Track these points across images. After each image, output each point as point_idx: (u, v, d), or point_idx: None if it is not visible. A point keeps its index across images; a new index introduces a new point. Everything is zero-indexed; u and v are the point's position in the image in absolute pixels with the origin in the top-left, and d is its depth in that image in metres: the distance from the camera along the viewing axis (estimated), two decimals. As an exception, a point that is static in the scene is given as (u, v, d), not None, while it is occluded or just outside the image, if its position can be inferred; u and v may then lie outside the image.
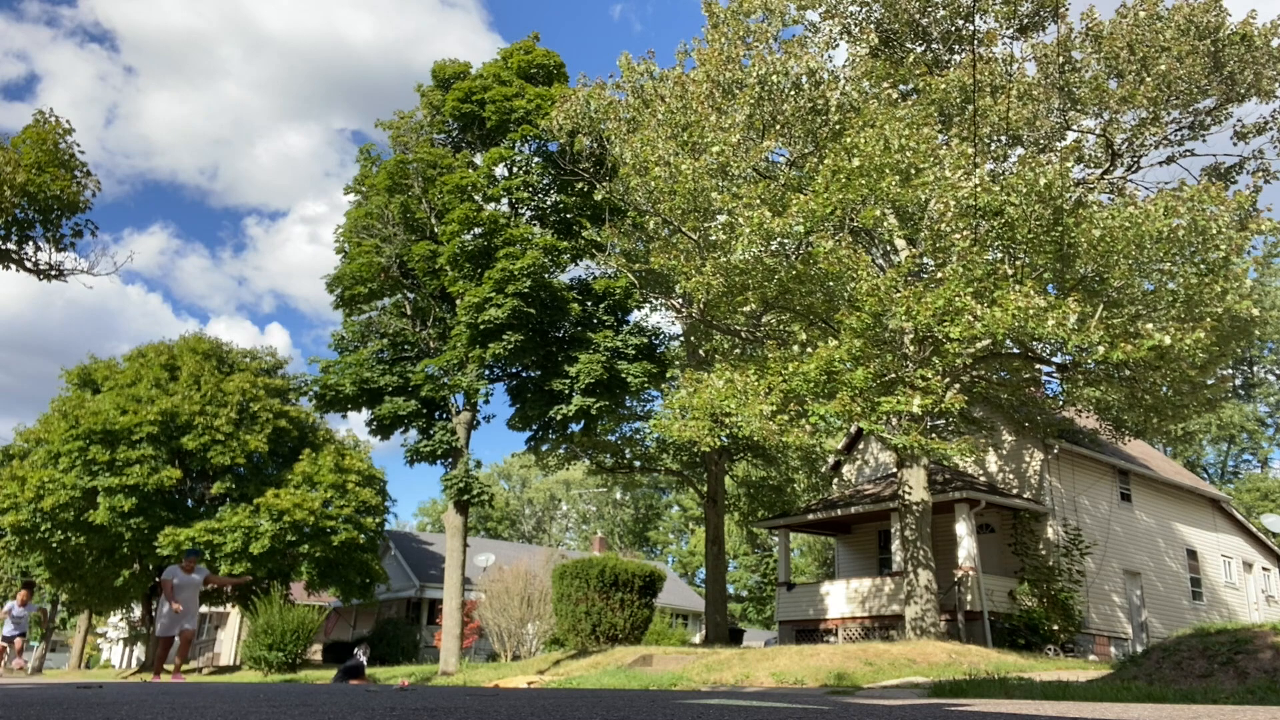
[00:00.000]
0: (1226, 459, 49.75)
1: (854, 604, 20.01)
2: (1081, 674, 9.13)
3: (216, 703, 2.06)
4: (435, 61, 24.46)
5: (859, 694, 6.22)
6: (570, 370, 20.42)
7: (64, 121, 12.99)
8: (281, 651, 22.59)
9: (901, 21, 16.99)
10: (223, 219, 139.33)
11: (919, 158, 12.95)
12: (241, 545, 25.25)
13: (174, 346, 29.72)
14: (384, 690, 2.95)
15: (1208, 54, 14.55)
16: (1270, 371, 47.52)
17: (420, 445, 21.87)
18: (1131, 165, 16.48)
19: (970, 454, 13.90)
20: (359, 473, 28.14)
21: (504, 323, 19.77)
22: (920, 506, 16.24)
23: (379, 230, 22.83)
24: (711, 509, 25.54)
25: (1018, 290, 12.20)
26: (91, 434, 25.59)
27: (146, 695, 2.63)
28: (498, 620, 23.88)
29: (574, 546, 58.53)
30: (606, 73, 43.38)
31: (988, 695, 4.65)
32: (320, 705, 1.93)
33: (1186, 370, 13.71)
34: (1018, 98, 14.96)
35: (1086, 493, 21.21)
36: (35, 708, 1.95)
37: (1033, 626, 17.81)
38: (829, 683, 10.25)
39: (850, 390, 12.82)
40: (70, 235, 13.20)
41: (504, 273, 19.67)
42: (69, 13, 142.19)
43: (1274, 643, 6.97)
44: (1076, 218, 12.93)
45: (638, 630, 18.36)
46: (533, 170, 22.05)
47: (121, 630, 48.27)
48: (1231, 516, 26.18)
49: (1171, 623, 21.11)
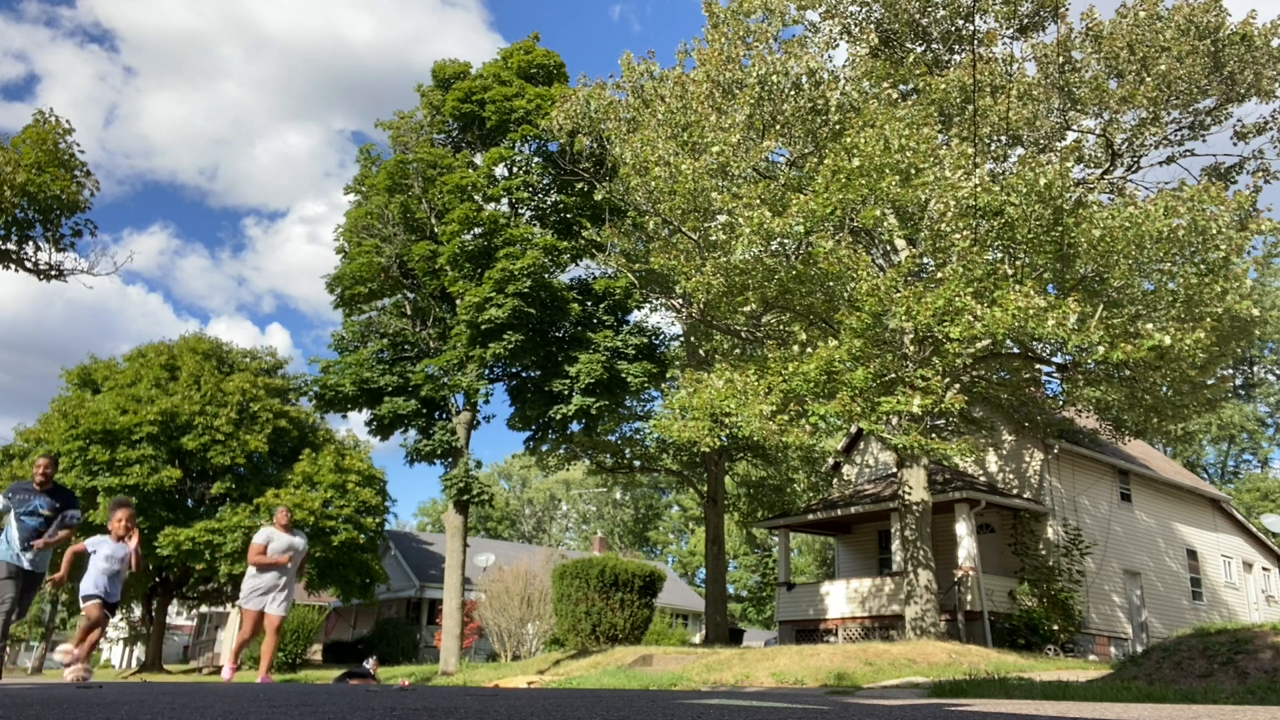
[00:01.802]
0: (1226, 459, 49.76)
1: (854, 604, 20.01)
2: (1081, 674, 9.13)
3: (216, 703, 2.06)
4: (435, 61, 24.48)
5: (859, 694, 6.22)
6: (570, 370, 20.42)
7: (64, 121, 13.00)
8: (281, 652, 22.59)
9: (901, 21, 16.98)
10: (222, 219, 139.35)
11: (919, 158, 12.95)
12: (241, 545, 25.23)
13: (174, 346, 29.72)
14: (384, 690, 2.95)
15: (1208, 54, 14.55)
16: (1270, 371, 47.53)
17: (420, 445, 21.87)
18: (1131, 165, 16.49)
19: (970, 454, 13.90)
20: (359, 473, 28.15)
21: (504, 323, 19.77)
22: (920, 506, 16.24)
23: (379, 230, 22.83)
24: (711, 509, 25.54)
25: (1018, 290, 12.20)
26: (91, 434, 25.59)
27: (147, 695, 2.62)
28: (498, 620, 23.87)
29: (574, 546, 58.53)
30: (606, 73, 43.42)
31: (988, 695, 4.65)
32: (320, 705, 1.93)
33: (1186, 370, 13.71)
34: (1018, 98, 14.96)
35: (1086, 493, 21.21)
36: (35, 708, 1.95)
37: (1033, 626, 17.81)
38: (829, 683, 10.25)
39: (850, 390, 12.82)
40: (70, 235, 13.23)
41: (504, 273, 19.67)
42: (68, 13, 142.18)
43: (1274, 643, 6.97)
44: (1076, 218, 12.93)
45: (638, 630, 18.36)
46: (533, 170, 22.06)
47: (121, 630, 48.27)
48: (1231, 516, 26.18)
49: (1171, 623, 21.11)
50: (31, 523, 7.81)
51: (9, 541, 7.71)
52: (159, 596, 30.83)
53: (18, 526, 7.78)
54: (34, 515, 7.84)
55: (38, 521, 7.86)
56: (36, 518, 7.86)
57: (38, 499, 7.91)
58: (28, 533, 7.80)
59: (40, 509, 7.89)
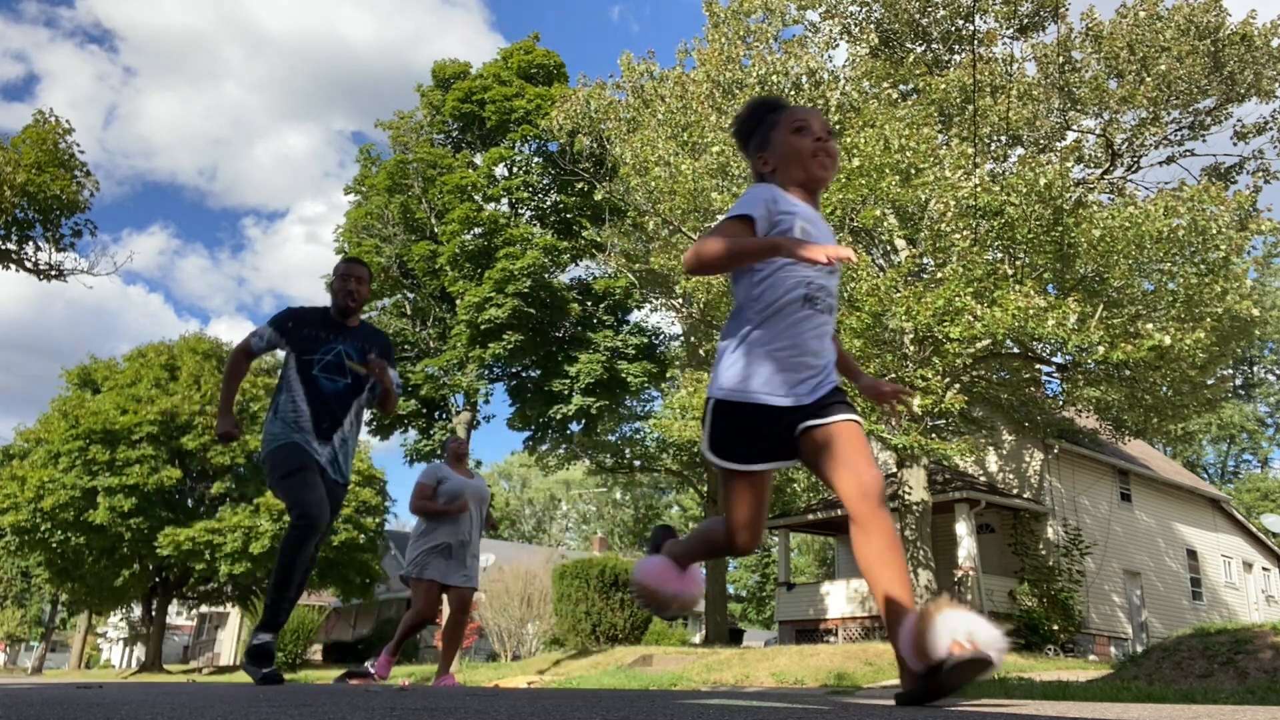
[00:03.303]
0: (1226, 459, 49.76)
1: (854, 604, 20.01)
2: (1081, 674, 9.13)
3: (216, 703, 2.06)
4: (435, 61, 24.49)
5: (859, 694, 6.23)
6: (570, 370, 20.43)
7: (64, 121, 13.02)
8: (281, 652, 22.59)
9: (901, 21, 16.98)
10: (221, 219, 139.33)
11: (919, 158, 12.96)
12: (241, 545, 25.25)
13: (174, 346, 29.72)
14: (384, 690, 2.95)
15: (1208, 54, 14.55)
16: (1270, 371, 47.53)
17: (420, 445, 21.89)
18: (1131, 165, 16.49)
19: (970, 454, 13.91)
20: (359, 472, 28.15)
21: (504, 323, 19.78)
22: (920, 506, 16.24)
23: (379, 230, 22.84)
24: (712, 509, 25.53)
25: (1018, 290, 12.21)
26: (91, 434, 25.58)
27: (147, 695, 2.63)
28: (498, 620, 23.85)
29: (574, 546, 58.52)
30: (606, 73, 43.29)
31: (987, 695, 4.65)
32: (320, 705, 1.93)
33: (1186, 370, 13.71)
34: (1018, 98, 14.96)
35: (1086, 493, 21.20)
36: (35, 707, 1.95)
37: (1033, 626, 17.81)
38: (829, 683, 10.25)
39: (850, 390, 12.81)
40: (70, 235, 13.24)
41: (504, 273, 19.69)
42: (68, 13, 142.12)
43: (1274, 643, 6.97)
44: (1076, 218, 12.93)
45: (638, 630, 18.36)
46: (533, 170, 22.07)
47: (121, 630, 48.28)
48: (1231, 516, 26.18)
49: (1171, 623, 21.10)
50: (331, 386, 4.24)
51: (294, 410, 4.21)
52: (159, 596, 30.82)
53: (304, 389, 4.23)
54: (336, 370, 4.27)
55: (339, 385, 4.26)
56: (338, 380, 4.26)
57: (342, 340, 4.32)
58: (327, 403, 4.24)
59: (346, 356, 4.29)
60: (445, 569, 6.07)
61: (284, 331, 4.35)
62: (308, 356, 4.25)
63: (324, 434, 4.20)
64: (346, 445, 4.31)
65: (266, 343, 4.38)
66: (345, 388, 4.28)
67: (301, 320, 4.37)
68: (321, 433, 4.19)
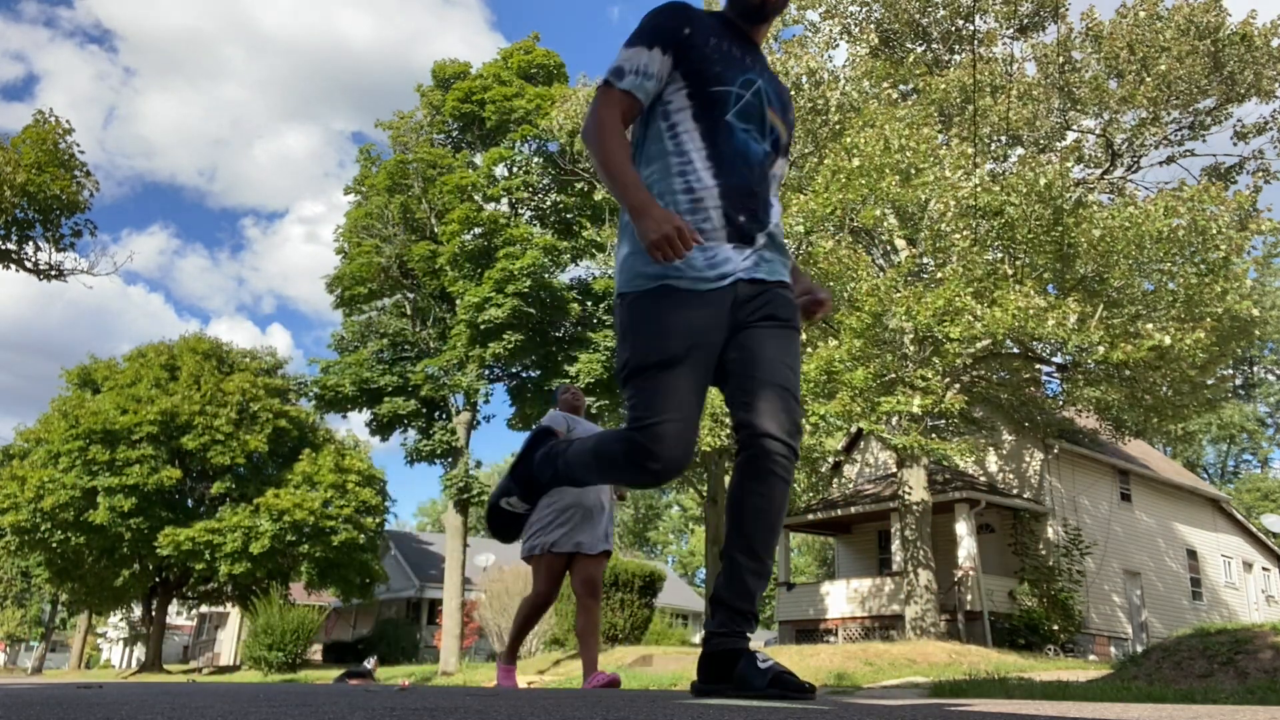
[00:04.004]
0: (1226, 459, 49.77)
1: (854, 604, 20.02)
2: (1081, 674, 9.13)
3: (216, 703, 2.06)
4: (435, 61, 24.49)
5: (859, 694, 6.23)
6: (570, 370, 20.43)
7: (63, 121, 13.03)
8: (281, 652, 22.57)
9: (901, 21, 16.99)
10: (221, 220, 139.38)
11: (919, 158, 12.96)
12: (241, 545, 25.25)
13: (174, 346, 29.72)
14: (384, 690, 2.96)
15: (1208, 54, 14.56)
16: (1270, 371, 47.54)
17: (420, 445, 21.90)
18: (1131, 165, 16.50)
19: (970, 454, 13.91)
20: (359, 473, 28.13)
21: (504, 322, 19.79)
22: (920, 506, 16.25)
23: (379, 230, 22.85)
24: (711, 509, 25.54)
25: (1018, 290, 12.21)
26: (91, 434, 25.59)
27: (147, 695, 2.63)
28: (498, 620, 23.86)
29: (574, 546, 58.43)
30: (606, 73, 43.16)
31: (988, 695, 4.65)
32: (320, 705, 1.93)
33: (1186, 370, 13.72)
34: (1018, 98, 14.97)
35: (1086, 493, 21.21)
36: (35, 707, 1.95)
37: (1033, 626, 17.81)
38: (829, 683, 10.25)
39: (850, 390, 12.82)
40: (70, 235, 13.25)
41: (504, 273, 19.70)
42: (68, 13, 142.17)
43: (1274, 643, 6.97)
44: (1076, 218, 12.94)
45: (638, 630, 18.36)
46: (533, 170, 22.08)
47: (121, 630, 48.29)
48: (1231, 516, 26.18)
49: (1171, 623, 21.10)
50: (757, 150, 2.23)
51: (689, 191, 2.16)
52: (159, 596, 30.83)
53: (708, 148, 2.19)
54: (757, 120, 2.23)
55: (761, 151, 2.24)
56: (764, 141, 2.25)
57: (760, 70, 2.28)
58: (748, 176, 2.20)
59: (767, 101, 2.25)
60: (575, 538, 4.94)
61: (679, 43, 2.21)
62: (717, 89, 2.20)
63: (743, 232, 2.18)
64: (774, 239, 2.27)
65: (655, 75, 2.21)
66: (766, 156, 2.27)
67: (701, 25, 2.26)
68: (739, 230, 2.17)
